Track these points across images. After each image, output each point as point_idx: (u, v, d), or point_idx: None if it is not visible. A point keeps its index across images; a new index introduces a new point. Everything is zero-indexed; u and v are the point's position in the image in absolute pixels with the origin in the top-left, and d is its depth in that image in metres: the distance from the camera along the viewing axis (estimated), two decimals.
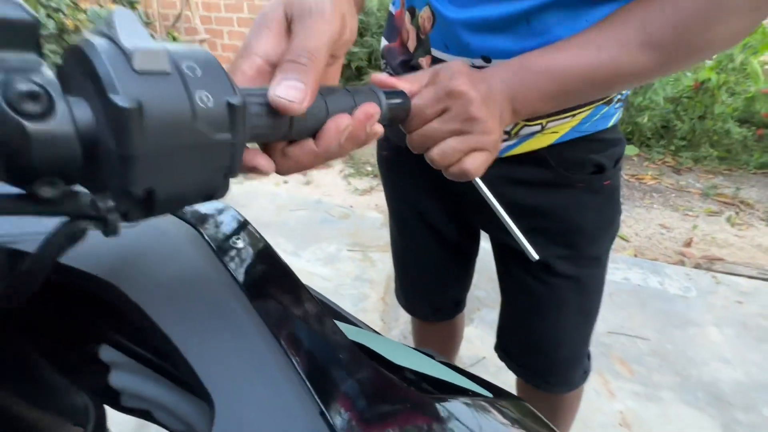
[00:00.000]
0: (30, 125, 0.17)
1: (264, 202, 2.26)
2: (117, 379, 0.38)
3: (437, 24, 0.48)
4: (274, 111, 0.25)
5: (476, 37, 0.45)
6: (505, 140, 0.53)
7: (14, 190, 0.19)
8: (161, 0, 4.15)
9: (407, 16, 0.52)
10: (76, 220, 0.21)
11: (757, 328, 1.49)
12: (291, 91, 0.25)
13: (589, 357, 0.74)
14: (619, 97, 0.54)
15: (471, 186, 0.58)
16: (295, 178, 2.56)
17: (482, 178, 0.57)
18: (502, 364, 0.76)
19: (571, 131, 0.52)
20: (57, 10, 2.76)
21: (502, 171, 0.55)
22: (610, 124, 0.55)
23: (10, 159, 0.17)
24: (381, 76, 0.35)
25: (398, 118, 0.34)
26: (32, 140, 0.17)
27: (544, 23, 0.42)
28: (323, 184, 2.51)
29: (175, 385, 0.36)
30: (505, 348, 0.75)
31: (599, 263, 0.62)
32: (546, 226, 0.58)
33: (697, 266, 1.82)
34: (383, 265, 1.78)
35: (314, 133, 0.29)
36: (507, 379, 0.40)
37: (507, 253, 0.65)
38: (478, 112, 0.35)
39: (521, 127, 0.51)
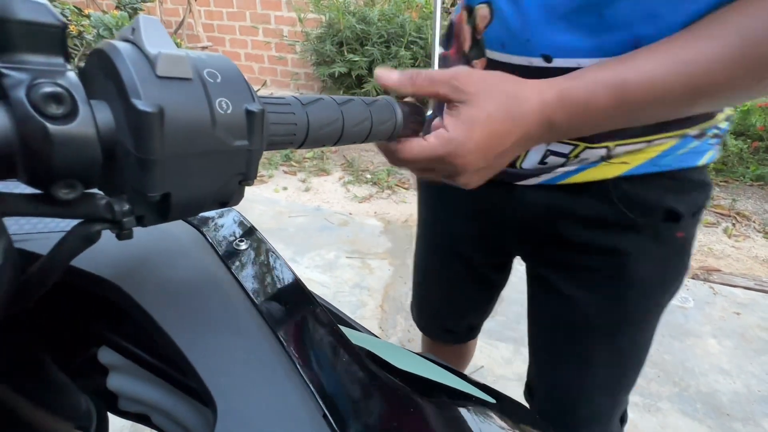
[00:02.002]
0: (53, 127, 0.17)
1: (263, 208, 2.26)
2: (116, 381, 0.37)
3: (495, 21, 0.42)
4: (291, 119, 0.26)
5: (538, 30, 0.38)
6: (561, 165, 0.45)
7: (32, 190, 0.19)
8: (164, 7, 4.19)
9: (465, 15, 0.47)
10: (91, 222, 0.21)
11: (756, 340, 1.49)
12: None
13: (623, 420, 0.62)
14: (715, 131, 0.44)
15: (514, 209, 0.52)
16: (294, 185, 2.57)
17: (533, 206, 0.51)
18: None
19: (647, 164, 0.43)
20: (61, 15, 2.78)
21: (554, 199, 0.48)
22: (699, 163, 0.44)
23: (31, 160, 0.17)
24: (385, 74, 0.34)
25: (413, 132, 0.34)
26: (54, 142, 0.17)
27: (620, 16, 0.35)
28: (322, 191, 2.51)
29: (175, 389, 0.36)
30: (530, 391, 0.68)
31: (647, 326, 0.53)
32: (593, 267, 0.49)
33: (695, 277, 1.82)
34: (382, 272, 1.78)
35: (329, 143, 0.29)
36: (504, 390, 0.39)
37: (541, 286, 0.58)
38: (465, 179, 0.35)
39: (582, 150, 0.43)
